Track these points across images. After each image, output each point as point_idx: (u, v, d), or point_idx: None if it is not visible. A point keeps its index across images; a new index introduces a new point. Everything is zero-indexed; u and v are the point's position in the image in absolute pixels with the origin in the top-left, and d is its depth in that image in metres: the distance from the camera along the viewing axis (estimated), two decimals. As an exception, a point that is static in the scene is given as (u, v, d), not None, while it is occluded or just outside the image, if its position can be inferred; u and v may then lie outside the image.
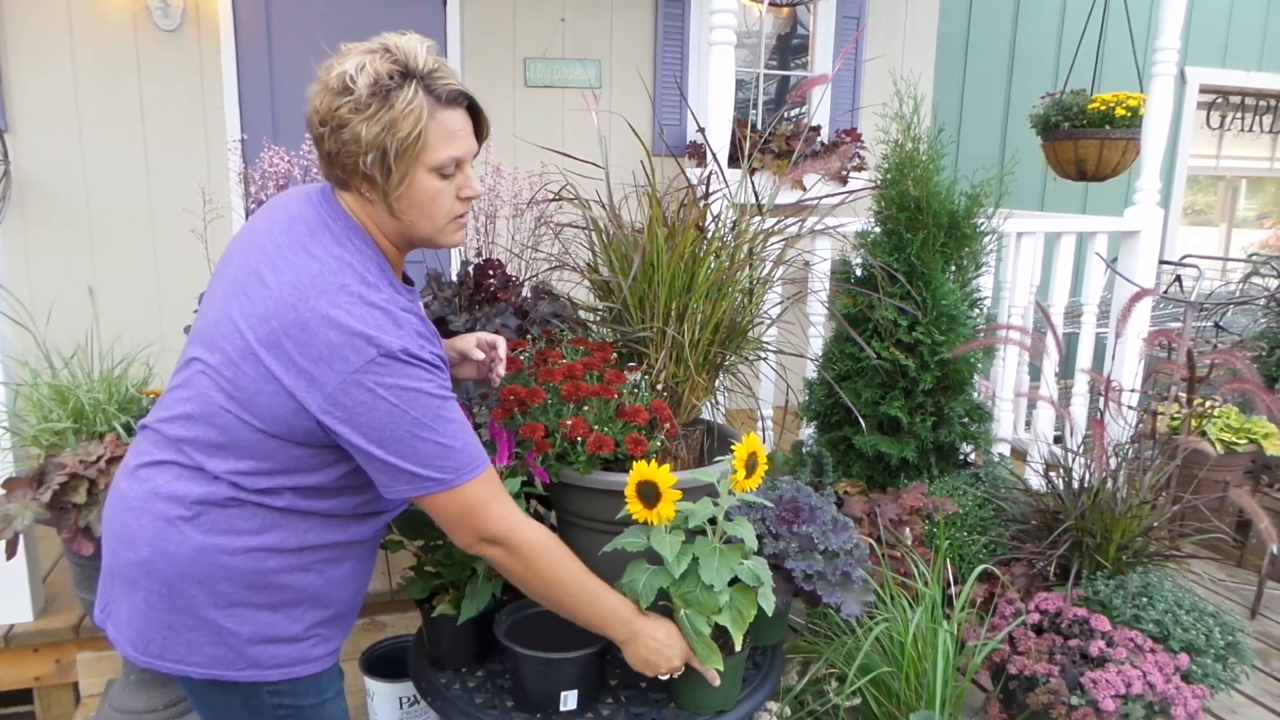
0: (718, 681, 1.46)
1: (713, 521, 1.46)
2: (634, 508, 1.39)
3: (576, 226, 2.04)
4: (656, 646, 1.42)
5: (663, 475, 1.36)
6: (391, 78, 1.15)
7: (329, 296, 1.14)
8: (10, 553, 1.90)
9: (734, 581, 1.43)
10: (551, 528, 1.91)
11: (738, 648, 1.47)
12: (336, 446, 1.21)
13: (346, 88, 1.15)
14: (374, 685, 1.93)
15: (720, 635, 1.47)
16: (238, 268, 1.22)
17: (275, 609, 1.27)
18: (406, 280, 1.36)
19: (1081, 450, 2.25)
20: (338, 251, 1.20)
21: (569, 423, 1.61)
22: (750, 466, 1.43)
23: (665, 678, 1.46)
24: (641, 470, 1.37)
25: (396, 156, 1.16)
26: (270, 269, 1.18)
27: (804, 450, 2.44)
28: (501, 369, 1.60)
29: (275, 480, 1.22)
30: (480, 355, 1.58)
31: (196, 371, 1.23)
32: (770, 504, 1.76)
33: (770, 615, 1.47)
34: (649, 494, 1.37)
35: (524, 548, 1.29)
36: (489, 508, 1.26)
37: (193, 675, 1.27)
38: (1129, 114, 4.02)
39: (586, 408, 1.67)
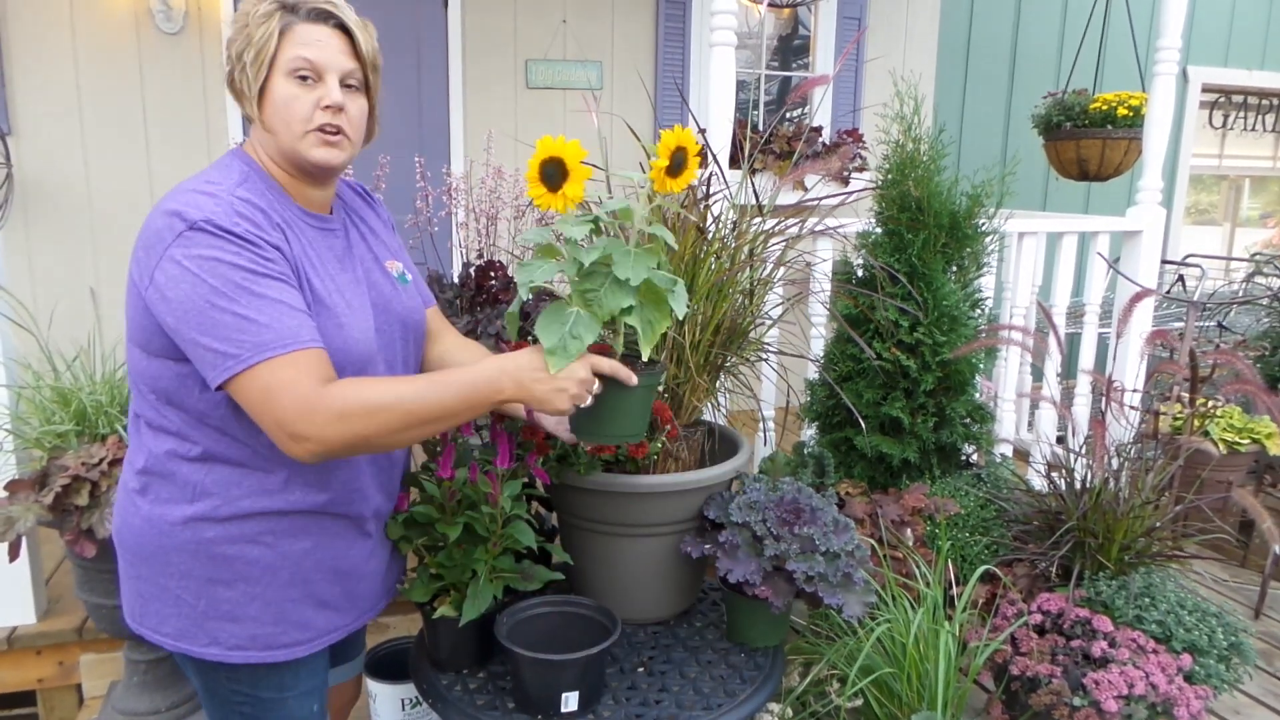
0: (634, 380, 1.30)
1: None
2: (535, 191, 1.17)
3: (577, 228, 2.04)
4: (544, 376, 1.26)
5: (570, 150, 1.14)
6: (260, 2, 1.24)
7: (167, 200, 1.20)
8: (13, 555, 1.91)
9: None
10: (553, 529, 1.92)
11: (644, 357, 1.29)
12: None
13: (239, 19, 1.26)
14: (376, 687, 1.93)
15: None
16: None
17: (230, 584, 1.28)
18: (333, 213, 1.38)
19: (1084, 451, 2.25)
20: (203, 171, 1.27)
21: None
22: (676, 164, 1.18)
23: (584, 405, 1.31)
24: (547, 145, 1.14)
25: (252, 62, 1.23)
26: None
27: (805, 451, 2.44)
28: None
29: (172, 415, 1.25)
30: None
31: None
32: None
33: (681, 318, 1.33)
34: (553, 174, 1.15)
35: (330, 428, 1.15)
36: (284, 393, 1.14)
37: (165, 646, 1.31)
38: (1131, 113, 4.02)
39: (587, 409, 1.66)
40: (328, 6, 1.26)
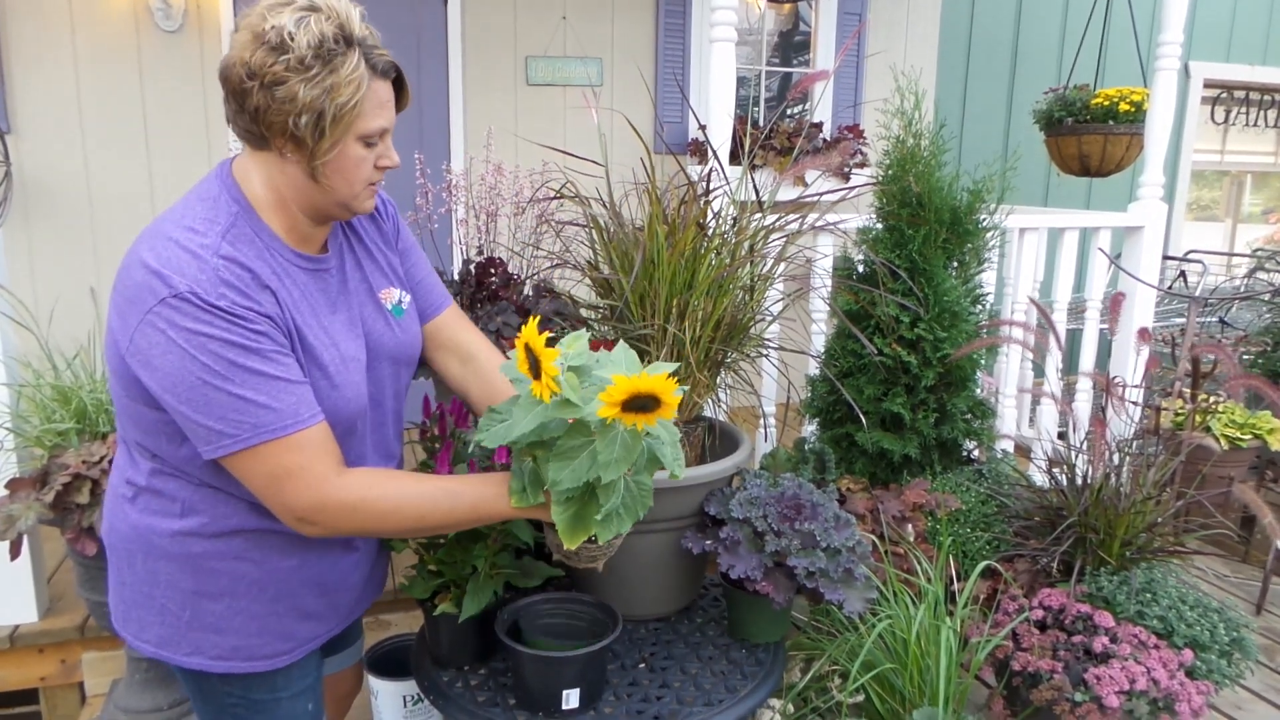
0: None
1: None
2: (521, 364, 1.14)
3: (577, 225, 2.04)
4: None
5: (546, 353, 1.09)
6: (336, 41, 1.12)
7: (149, 241, 1.13)
8: (14, 553, 1.91)
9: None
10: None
11: (566, 546, 1.21)
12: None
13: (284, 44, 1.10)
14: (377, 684, 1.93)
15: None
16: None
17: (216, 598, 1.26)
18: (326, 249, 1.31)
19: (1085, 446, 2.24)
20: (190, 202, 1.19)
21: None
22: (637, 406, 1.04)
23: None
24: (527, 333, 1.10)
25: (333, 122, 1.13)
26: None
27: (806, 447, 2.43)
28: None
29: (165, 451, 1.22)
30: None
31: None
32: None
33: (604, 540, 1.22)
34: (533, 364, 1.11)
35: (341, 517, 1.17)
36: (293, 479, 1.14)
37: (144, 652, 1.30)
38: (1133, 109, 4.01)
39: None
40: (395, 60, 1.21)
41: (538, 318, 1.17)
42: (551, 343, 1.55)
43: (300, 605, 1.33)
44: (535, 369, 1.10)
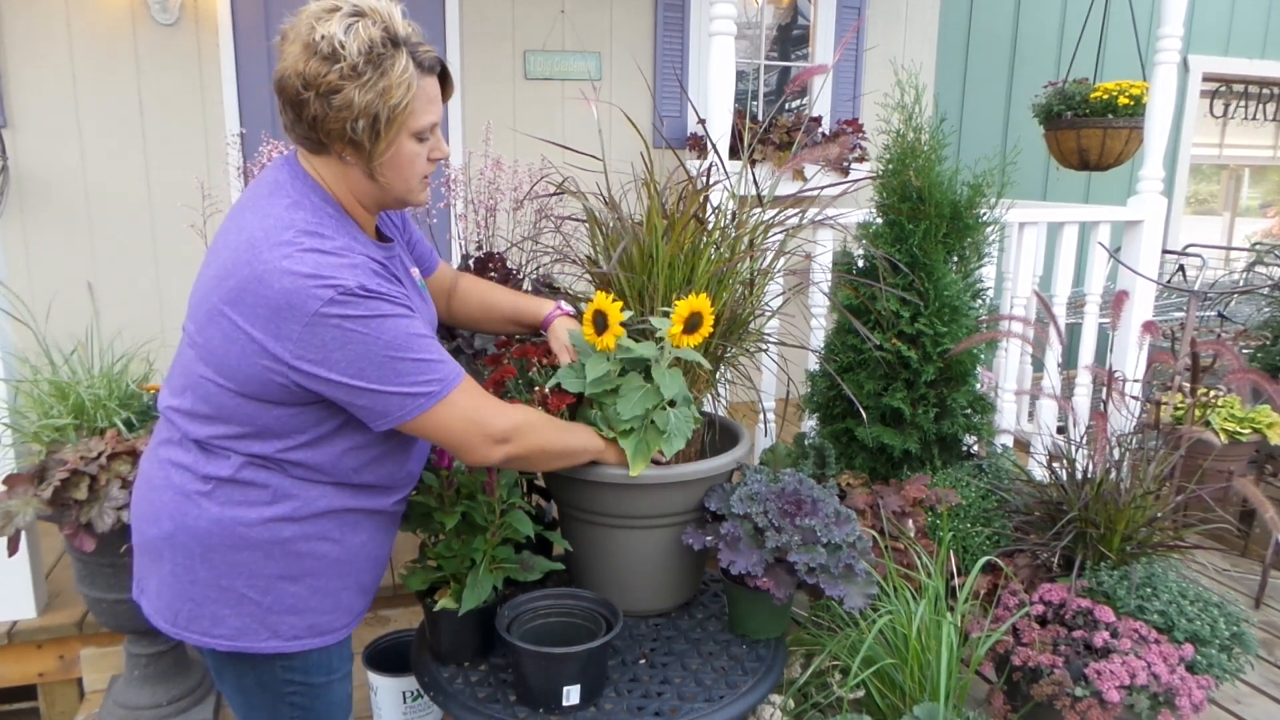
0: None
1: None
2: (587, 331, 1.55)
3: (576, 219, 2.03)
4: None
5: (613, 310, 1.51)
6: (385, 45, 1.17)
7: (279, 249, 1.16)
8: (12, 549, 1.91)
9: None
10: (554, 522, 1.91)
11: (632, 472, 1.59)
12: (313, 405, 1.23)
13: (336, 53, 1.15)
14: (377, 679, 1.93)
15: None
16: (216, 237, 1.28)
17: (297, 580, 1.30)
18: (383, 238, 1.42)
19: (1085, 441, 2.24)
20: (289, 204, 1.22)
21: (546, 391, 1.64)
22: (692, 324, 1.51)
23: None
24: (599, 301, 1.52)
25: (387, 123, 1.20)
26: (235, 228, 1.23)
27: (806, 443, 2.43)
28: None
29: (266, 446, 1.25)
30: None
31: (183, 344, 1.28)
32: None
33: (670, 454, 1.61)
34: (600, 322, 1.51)
35: (527, 433, 1.37)
36: (487, 406, 1.32)
37: (218, 648, 1.30)
38: (1132, 103, 4.00)
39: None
40: (439, 54, 1.27)
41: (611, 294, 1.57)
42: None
43: (362, 580, 1.40)
44: (601, 326, 1.52)
